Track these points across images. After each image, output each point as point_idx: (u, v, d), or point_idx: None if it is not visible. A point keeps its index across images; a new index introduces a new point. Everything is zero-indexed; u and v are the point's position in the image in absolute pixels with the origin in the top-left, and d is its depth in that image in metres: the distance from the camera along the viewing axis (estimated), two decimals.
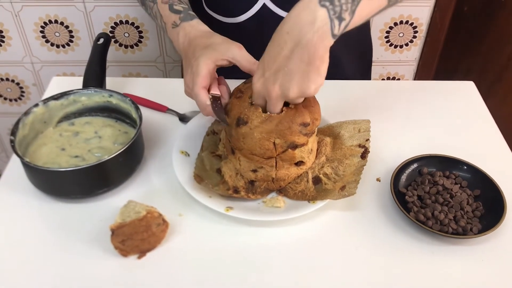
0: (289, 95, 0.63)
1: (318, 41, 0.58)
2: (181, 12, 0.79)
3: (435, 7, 1.41)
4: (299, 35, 0.59)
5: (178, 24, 0.78)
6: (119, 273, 0.65)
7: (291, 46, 0.60)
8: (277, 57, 0.62)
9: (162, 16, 0.81)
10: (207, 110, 0.71)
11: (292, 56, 0.60)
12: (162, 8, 0.81)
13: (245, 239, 0.70)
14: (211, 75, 0.71)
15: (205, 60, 0.70)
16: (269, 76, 0.63)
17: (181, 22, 0.78)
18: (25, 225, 0.72)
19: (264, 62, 0.64)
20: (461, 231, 0.69)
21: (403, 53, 1.51)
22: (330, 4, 0.58)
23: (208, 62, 0.70)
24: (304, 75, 0.61)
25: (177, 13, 0.79)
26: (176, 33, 0.78)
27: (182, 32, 0.77)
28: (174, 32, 0.78)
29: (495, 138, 0.88)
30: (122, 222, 0.64)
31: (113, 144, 0.81)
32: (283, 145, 0.69)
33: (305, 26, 0.58)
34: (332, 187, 0.72)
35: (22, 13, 1.38)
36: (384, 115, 0.91)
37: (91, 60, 0.88)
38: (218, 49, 0.71)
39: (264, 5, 0.89)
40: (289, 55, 0.60)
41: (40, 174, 0.72)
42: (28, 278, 0.65)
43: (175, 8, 0.80)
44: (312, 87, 0.62)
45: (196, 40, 0.75)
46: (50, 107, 0.81)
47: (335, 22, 0.58)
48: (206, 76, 0.70)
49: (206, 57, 0.70)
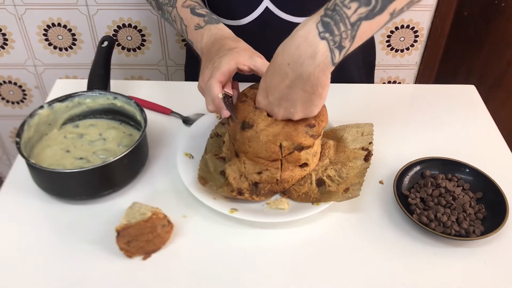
0: (294, 118, 0.67)
1: (320, 73, 0.59)
2: (204, 15, 0.81)
3: (436, 12, 1.42)
4: (301, 69, 0.59)
5: (203, 26, 0.79)
6: (124, 274, 0.66)
7: (292, 78, 0.61)
8: (279, 86, 0.63)
9: (182, 19, 0.82)
10: (216, 103, 0.70)
11: (294, 86, 0.62)
12: (183, 12, 0.82)
13: (249, 241, 0.70)
14: (230, 74, 0.71)
15: (229, 60, 0.71)
16: (273, 101, 0.66)
17: (206, 24, 0.79)
18: (30, 227, 0.72)
19: (267, 86, 0.66)
20: (463, 233, 0.70)
21: (404, 57, 1.52)
22: (330, 35, 0.57)
23: (231, 62, 0.71)
24: (307, 101, 0.64)
25: (200, 16, 0.80)
26: (200, 34, 0.79)
27: (207, 32, 0.78)
28: (198, 33, 0.79)
29: (497, 141, 0.89)
30: (127, 223, 0.65)
31: (118, 146, 0.81)
32: (290, 147, 0.70)
33: (306, 60, 0.58)
34: (336, 189, 0.73)
35: (25, 16, 1.39)
36: (386, 119, 0.92)
37: (96, 62, 0.89)
38: (243, 54, 0.72)
39: (267, 8, 0.90)
40: (291, 86, 0.62)
41: (45, 175, 0.73)
42: (34, 279, 0.65)
43: (198, 11, 0.81)
44: (315, 110, 0.66)
45: (223, 40, 0.76)
46: (55, 109, 0.82)
47: (335, 52, 0.58)
48: (225, 73, 0.70)
49: (230, 57, 0.71)
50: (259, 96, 0.68)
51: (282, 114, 0.67)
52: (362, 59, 1.08)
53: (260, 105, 0.69)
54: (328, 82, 0.62)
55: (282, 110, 0.66)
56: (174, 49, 1.47)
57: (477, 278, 0.66)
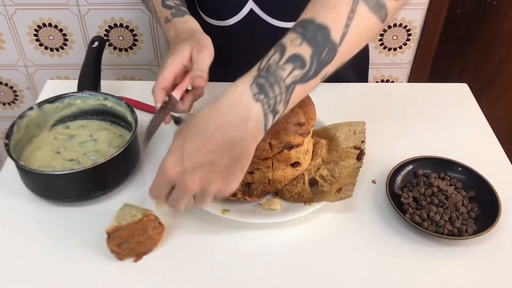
0: (208, 190, 0.57)
1: (252, 140, 0.55)
2: (172, 7, 0.80)
3: (428, 10, 1.42)
4: (232, 133, 0.54)
5: (170, 20, 0.79)
6: (115, 277, 0.65)
7: (220, 141, 0.55)
8: (202, 149, 0.55)
9: (156, 11, 0.82)
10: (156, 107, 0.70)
11: (220, 151, 0.55)
12: (156, 3, 0.82)
13: (242, 242, 0.70)
14: (176, 75, 0.70)
15: (171, 61, 0.69)
16: (189, 166, 0.56)
17: (172, 18, 0.79)
18: (20, 229, 0.71)
19: (184, 149, 0.56)
20: (456, 232, 0.70)
21: (397, 55, 1.52)
22: (265, 97, 0.54)
23: (174, 63, 0.69)
24: (229, 171, 0.56)
25: (168, 9, 0.80)
26: (168, 29, 0.79)
27: (173, 27, 0.78)
28: (167, 27, 0.79)
29: (489, 139, 0.89)
30: (118, 225, 0.64)
31: (109, 147, 0.81)
32: (278, 145, 0.69)
33: (239, 124, 0.54)
34: (329, 189, 0.73)
35: (15, 16, 1.38)
36: (379, 117, 0.91)
37: (86, 63, 0.88)
38: (186, 51, 0.70)
39: (252, 10, 0.90)
40: (217, 149, 0.55)
41: (35, 177, 0.72)
42: (24, 282, 0.65)
43: (167, 3, 0.81)
44: (233, 184, 0.58)
45: (180, 36, 0.75)
46: (45, 111, 0.81)
47: (269, 117, 0.55)
48: (167, 77, 0.69)
49: (173, 57, 0.70)
50: (169, 162, 0.57)
51: (196, 184, 0.56)
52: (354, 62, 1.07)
53: (169, 173, 0.57)
54: (252, 154, 0.57)
55: (197, 178, 0.56)
56: (166, 49, 1.47)
57: (470, 277, 0.66)
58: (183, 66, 0.71)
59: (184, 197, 0.58)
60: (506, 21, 1.59)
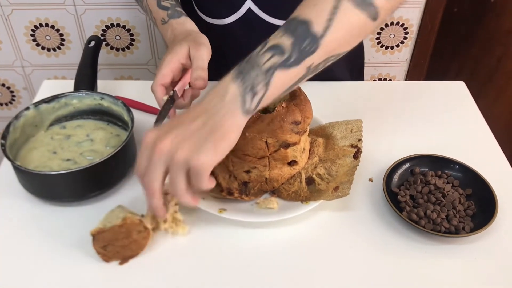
0: (176, 154, 0.57)
1: (227, 115, 0.57)
2: (168, 8, 0.80)
3: (425, 9, 1.42)
4: (209, 105, 0.58)
5: (167, 21, 0.80)
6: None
7: (198, 110, 0.59)
8: (180, 117, 0.59)
9: (152, 11, 0.83)
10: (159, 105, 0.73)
11: (197, 117, 0.58)
12: (151, 4, 0.83)
13: (239, 241, 0.70)
14: (174, 72, 0.73)
15: (169, 58, 0.72)
16: (165, 130, 0.59)
17: (169, 19, 0.80)
18: (17, 229, 0.71)
19: (167, 123, 0.60)
20: (453, 230, 0.70)
21: (394, 54, 1.52)
22: (242, 79, 0.58)
23: (172, 60, 0.72)
24: (200, 139, 0.57)
25: (164, 10, 0.80)
26: (166, 30, 0.80)
27: (170, 28, 0.79)
28: (164, 28, 0.81)
29: (486, 137, 0.89)
30: (102, 227, 0.63)
31: (105, 147, 0.80)
32: (275, 144, 0.69)
33: (216, 99, 0.58)
34: (326, 188, 0.73)
35: (12, 17, 1.38)
36: (376, 116, 0.91)
37: (82, 63, 0.88)
38: (184, 49, 0.73)
39: (250, 9, 0.90)
40: (194, 116, 0.58)
41: (31, 177, 0.72)
42: (20, 281, 0.65)
43: (163, 4, 0.81)
44: (201, 158, 0.56)
45: (178, 37, 0.77)
46: (41, 111, 0.81)
47: (247, 96, 0.57)
48: (166, 74, 0.72)
49: (171, 55, 0.72)
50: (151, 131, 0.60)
51: (167, 144, 0.57)
52: (350, 61, 1.07)
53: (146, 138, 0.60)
54: (230, 139, 0.58)
55: (169, 140, 0.57)
56: (163, 48, 1.47)
57: (467, 274, 0.66)
58: (180, 64, 0.73)
59: (156, 162, 0.58)
60: (503, 19, 1.59)
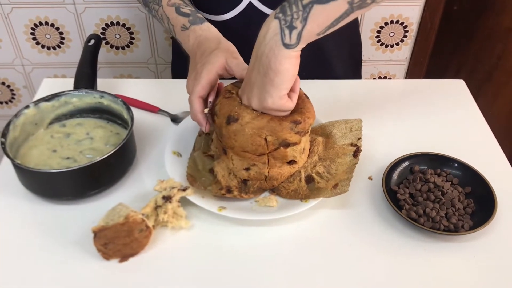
0: (252, 105, 0.67)
1: (270, 52, 0.61)
2: (189, 15, 0.80)
3: (425, 7, 1.42)
4: (256, 48, 0.63)
5: (188, 27, 0.79)
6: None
7: (253, 59, 0.64)
8: (247, 75, 0.67)
9: (169, 18, 0.82)
10: (196, 118, 0.74)
11: (253, 68, 0.64)
12: (169, 11, 0.82)
13: (238, 239, 0.70)
14: (212, 84, 0.73)
15: (208, 70, 0.72)
16: (243, 87, 0.69)
17: (191, 25, 0.79)
18: (17, 227, 0.71)
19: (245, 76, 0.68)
20: (452, 228, 0.70)
21: (394, 52, 1.52)
22: (283, 15, 0.60)
23: (210, 73, 0.72)
24: (262, 87, 0.64)
25: (185, 16, 0.80)
26: (187, 36, 0.79)
27: (192, 34, 0.79)
28: (184, 34, 0.80)
29: (485, 135, 0.89)
30: (104, 225, 0.64)
31: (105, 145, 0.81)
32: (274, 142, 0.69)
33: (261, 40, 0.62)
34: (325, 186, 0.73)
35: (12, 15, 1.38)
36: (376, 114, 0.91)
37: (82, 61, 0.88)
38: (221, 59, 0.73)
39: (250, 3, 0.90)
40: (252, 68, 0.65)
41: (31, 175, 0.72)
42: (20, 279, 0.65)
43: (182, 11, 0.81)
44: (268, 99, 0.64)
45: (205, 44, 0.76)
46: (41, 109, 0.81)
47: (285, 31, 0.60)
48: (205, 86, 0.72)
49: (209, 66, 0.72)
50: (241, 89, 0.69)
51: (245, 101, 0.68)
52: (347, 56, 1.07)
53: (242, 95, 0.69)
54: (284, 71, 0.62)
55: (245, 97, 0.68)
56: (163, 47, 1.47)
57: (466, 272, 0.66)
58: (218, 75, 0.74)
59: None
60: (503, 17, 1.59)
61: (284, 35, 0.60)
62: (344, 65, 1.05)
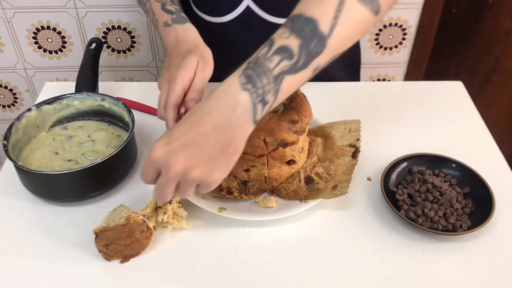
0: (190, 174, 0.55)
1: (238, 129, 0.55)
2: (173, 13, 0.81)
3: (424, 9, 1.43)
4: (219, 118, 0.55)
5: (170, 25, 0.80)
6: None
7: (209, 126, 0.55)
8: (190, 131, 0.55)
9: (154, 13, 0.83)
10: (170, 126, 0.69)
11: (209, 134, 0.55)
12: (155, 6, 0.83)
13: (238, 239, 0.71)
14: (185, 89, 0.71)
15: (182, 76, 0.69)
16: (175, 146, 0.55)
17: (173, 23, 0.79)
18: (19, 229, 0.72)
19: (173, 133, 0.56)
20: (451, 228, 0.70)
21: (392, 55, 1.53)
22: (253, 87, 0.54)
23: (184, 79, 0.69)
24: (214, 158, 0.56)
25: (169, 13, 0.80)
26: (167, 32, 0.79)
27: (173, 32, 0.79)
28: (165, 31, 0.80)
29: (484, 136, 0.89)
30: (106, 226, 0.64)
31: (106, 148, 0.81)
32: (273, 143, 0.70)
33: (226, 111, 0.54)
34: (324, 187, 0.73)
35: (14, 20, 1.39)
36: (374, 116, 0.92)
37: (84, 64, 0.89)
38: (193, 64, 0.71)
39: (248, 7, 0.91)
40: (206, 133, 0.55)
41: (33, 177, 0.73)
42: (21, 280, 0.65)
43: (167, 8, 0.81)
44: (216, 175, 0.57)
45: (183, 45, 0.76)
46: (43, 112, 0.82)
47: (258, 106, 0.55)
48: (180, 94, 0.69)
49: (183, 72, 0.70)
50: (157, 143, 0.56)
51: (180, 165, 0.55)
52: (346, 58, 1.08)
53: (155, 152, 0.56)
54: (241, 149, 0.57)
55: (181, 160, 0.55)
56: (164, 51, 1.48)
57: (464, 272, 0.67)
58: (190, 81, 0.71)
59: (169, 181, 0.56)
60: (501, 19, 1.60)
61: (256, 111, 0.55)
62: (343, 68, 1.06)
